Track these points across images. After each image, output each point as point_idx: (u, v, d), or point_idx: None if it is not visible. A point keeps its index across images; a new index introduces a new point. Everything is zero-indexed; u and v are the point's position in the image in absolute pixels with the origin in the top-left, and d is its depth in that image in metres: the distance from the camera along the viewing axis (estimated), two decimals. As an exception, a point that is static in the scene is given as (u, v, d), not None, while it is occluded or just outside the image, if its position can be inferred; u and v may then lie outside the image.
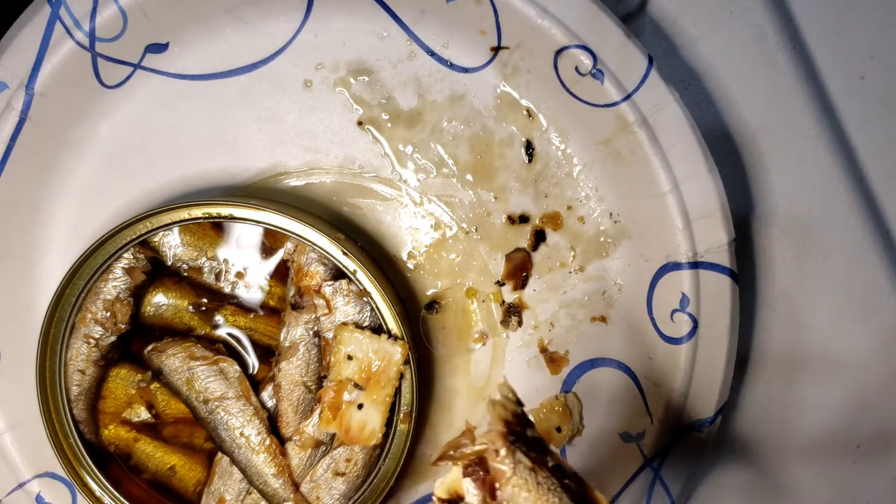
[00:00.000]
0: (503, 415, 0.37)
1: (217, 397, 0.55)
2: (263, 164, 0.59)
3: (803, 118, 0.61)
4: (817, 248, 0.62)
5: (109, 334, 0.55)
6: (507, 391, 0.39)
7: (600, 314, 0.60)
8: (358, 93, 0.58)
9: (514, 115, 0.58)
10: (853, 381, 0.63)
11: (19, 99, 0.54)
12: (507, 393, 0.39)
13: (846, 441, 0.64)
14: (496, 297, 0.60)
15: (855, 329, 0.62)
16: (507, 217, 0.60)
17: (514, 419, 0.38)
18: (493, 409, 0.38)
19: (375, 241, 0.60)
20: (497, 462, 0.36)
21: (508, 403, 0.38)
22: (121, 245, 0.53)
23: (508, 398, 0.39)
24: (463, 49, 0.57)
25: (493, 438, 0.37)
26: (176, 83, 0.58)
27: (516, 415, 0.38)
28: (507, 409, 0.38)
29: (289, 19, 0.57)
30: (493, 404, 0.38)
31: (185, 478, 0.58)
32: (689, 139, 0.54)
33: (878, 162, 0.62)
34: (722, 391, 0.56)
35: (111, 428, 0.57)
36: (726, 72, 0.61)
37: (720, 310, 0.56)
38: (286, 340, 0.55)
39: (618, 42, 0.53)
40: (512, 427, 0.37)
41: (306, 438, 0.55)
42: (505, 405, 0.38)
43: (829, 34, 0.61)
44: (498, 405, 0.38)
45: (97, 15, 0.53)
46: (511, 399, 0.39)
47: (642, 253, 0.58)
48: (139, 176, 0.59)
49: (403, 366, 0.53)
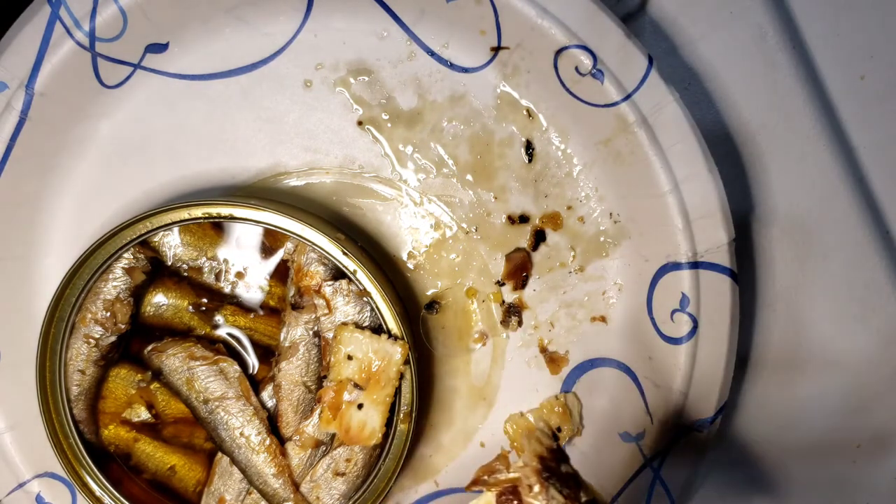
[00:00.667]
0: (538, 450, 0.38)
1: (217, 397, 0.55)
2: (263, 164, 0.59)
3: (803, 118, 0.61)
4: (817, 248, 0.62)
5: (109, 334, 0.55)
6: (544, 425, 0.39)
7: (600, 314, 0.60)
8: (358, 93, 0.58)
9: (514, 115, 0.58)
10: (853, 381, 0.63)
11: (19, 99, 0.54)
12: (544, 427, 0.39)
13: (846, 441, 0.64)
14: (496, 297, 0.60)
15: (855, 329, 0.62)
16: (507, 217, 0.60)
17: (549, 454, 0.38)
18: (529, 443, 0.38)
19: (375, 241, 0.60)
20: (531, 497, 0.37)
21: (544, 438, 0.38)
22: (121, 245, 0.53)
23: (544, 432, 0.39)
24: (463, 49, 0.57)
25: (527, 474, 0.37)
26: (176, 83, 0.58)
27: (551, 450, 0.38)
28: (543, 444, 0.38)
29: (289, 19, 0.57)
30: (528, 438, 0.38)
31: (185, 478, 0.58)
32: (689, 139, 0.54)
33: (878, 162, 0.62)
34: (722, 391, 0.56)
35: (111, 428, 0.57)
36: (726, 72, 0.61)
37: (720, 310, 0.56)
38: (286, 340, 0.55)
39: (618, 42, 0.53)
40: (546, 463, 0.37)
41: (306, 438, 0.55)
42: (540, 440, 0.38)
43: (829, 34, 0.61)
44: (533, 439, 0.38)
45: (97, 15, 0.53)
46: (546, 433, 0.39)
47: (642, 253, 0.58)
48: (139, 176, 0.59)
49: (403, 366, 0.53)
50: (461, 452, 0.61)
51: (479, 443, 0.61)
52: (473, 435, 0.61)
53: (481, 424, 0.61)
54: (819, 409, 0.63)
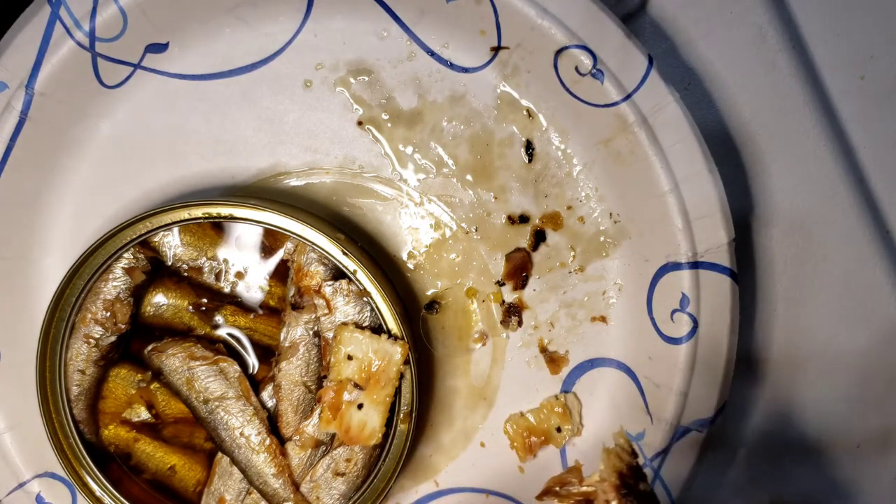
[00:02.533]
0: (618, 466, 0.37)
1: (217, 397, 0.55)
2: (263, 164, 0.59)
3: (803, 118, 0.61)
4: (817, 248, 0.62)
5: (109, 334, 0.55)
6: (624, 441, 0.39)
7: (600, 314, 0.60)
8: (358, 93, 0.58)
9: (514, 115, 0.58)
10: (853, 381, 0.63)
11: (19, 99, 0.54)
12: (624, 443, 0.39)
13: (846, 441, 0.64)
14: (496, 297, 0.60)
15: (855, 329, 0.62)
16: (507, 217, 0.60)
17: (629, 471, 0.37)
18: (608, 458, 0.38)
19: (375, 241, 0.60)
20: None
21: (624, 454, 0.38)
22: (121, 245, 0.53)
23: (624, 448, 0.38)
24: (463, 49, 0.57)
25: (605, 489, 0.37)
26: (176, 83, 0.58)
27: (631, 467, 0.38)
28: (623, 460, 0.38)
29: (289, 19, 0.57)
30: (607, 453, 0.38)
31: (185, 478, 0.58)
32: (689, 139, 0.54)
33: (878, 162, 0.62)
34: (722, 391, 0.56)
35: (111, 428, 0.57)
36: (726, 72, 0.61)
37: (720, 310, 0.56)
38: (286, 340, 0.55)
39: (618, 42, 0.53)
40: (626, 479, 0.37)
41: (306, 438, 0.55)
42: (620, 455, 0.38)
43: (829, 34, 0.61)
44: (613, 454, 0.38)
45: (97, 15, 0.53)
46: (626, 450, 0.39)
47: (642, 253, 0.58)
48: (139, 176, 0.59)
49: (403, 366, 0.53)
50: (461, 452, 0.61)
51: (479, 443, 0.61)
52: (473, 435, 0.61)
53: (481, 424, 0.61)
54: (819, 409, 0.63)
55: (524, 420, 0.60)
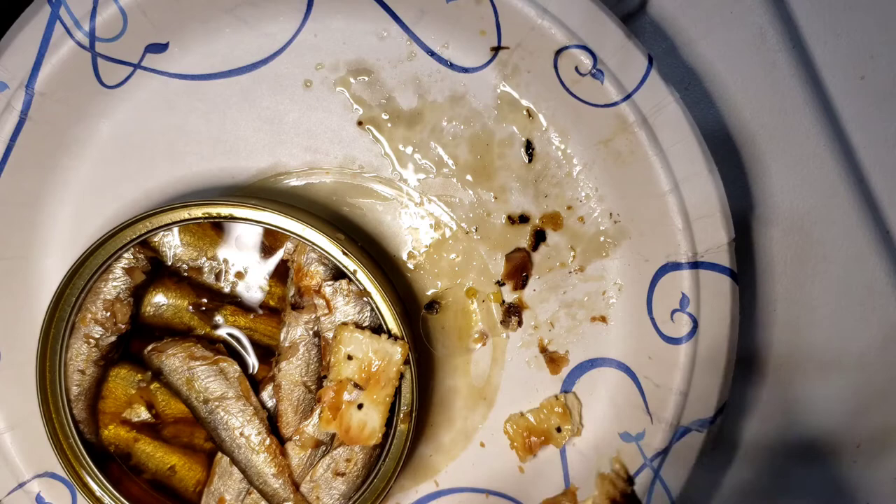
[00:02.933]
0: (611, 493, 0.37)
1: (217, 397, 0.55)
2: (263, 164, 0.59)
3: (803, 118, 0.61)
4: (817, 248, 0.62)
5: (109, 334, 0.55)
6: (620, 468, 0.39)
7: (600, 314, 0.60)
8: (358, 93, 0.58)
9: (514, 115, 0.58)
10: (853, 381, 0.63)
11: (19, 99, 0.54)
12: (619, 470, 0.39)
13: (846, 441, 0.64)
14: (496, 297, 0.60)
15: (855, 329, 0.62)
16: (507, 217, 0.60)
17: (622, 499, 0.38)
18: (602, 484, 0.38)
19: (375, 241, 0.60)
20: None
21: (618, 481, 0.38)
22: (121, 245, 0.53)
23: (619, 475, 0.39)
24: (463, 49, 0.57)
25: None
26: (176, 83, 0.58)
27: (624, 494, 0.38)
28: (616, 486, 0.38)
29: (289, 19, 0.57)
30: (602, 479, 0.38)
31: (185, 478, 0.58)
32: (689, 139, 0.54)
33: (878, 162, 0.62)
34: (722, 391, 0.56)
35: (111, 428, 0.57)
36: (726, 72, 0.61)
37: (720, 310, 0.56)
38: (286, 340, 0.55)
39: (618, 42, 0.53)
40: None
41: (306, 438, 0.55)
42: (614, 482, 0.38)
43: (829, 34, 0.61)
44: (607, 481, 0.38)
45: (97, 15, 0.53)
46: (621, 476, 0.39)
47: (642, 253, 0.58)
48: (139, 176, 0.59)
49: (403, 366, 0.53)
50: (461, 452, 0.61)
51: (479, 443, 0.61)
52: (473, 435, 0.61)
53: (481, 424, 0.61)
54: (819, 409, 0.63)
55: (524, 420, 0.60)
